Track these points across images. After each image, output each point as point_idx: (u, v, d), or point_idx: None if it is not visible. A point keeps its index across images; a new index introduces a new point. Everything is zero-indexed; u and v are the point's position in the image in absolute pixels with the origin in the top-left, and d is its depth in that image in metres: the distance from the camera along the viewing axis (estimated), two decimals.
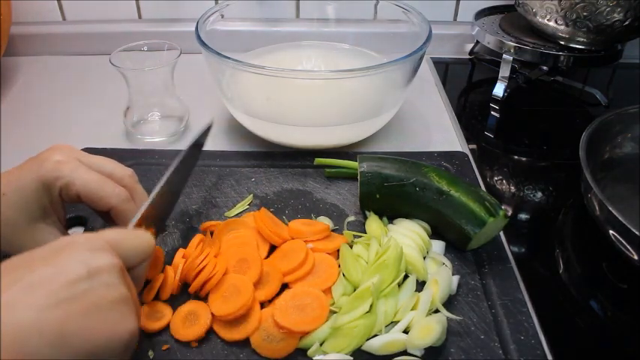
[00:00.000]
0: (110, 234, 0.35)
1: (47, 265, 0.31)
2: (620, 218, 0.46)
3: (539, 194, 0.62)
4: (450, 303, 0.45)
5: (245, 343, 0.42)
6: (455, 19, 0.92)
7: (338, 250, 0.49)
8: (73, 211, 0.54)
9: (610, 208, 0.47)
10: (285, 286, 0.46)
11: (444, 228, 0.51)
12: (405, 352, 0.41)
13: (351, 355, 0.41)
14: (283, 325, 0.41)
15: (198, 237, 0.48)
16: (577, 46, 0.75)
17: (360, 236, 0.50)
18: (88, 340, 0.29)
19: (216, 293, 0.44)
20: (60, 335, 0.28)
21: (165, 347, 0.42)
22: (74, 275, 0.30)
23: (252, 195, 0.57)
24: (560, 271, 0.52)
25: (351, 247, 0.49)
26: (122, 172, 0.45)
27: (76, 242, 0.33)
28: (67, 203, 0.44)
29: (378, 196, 0.52)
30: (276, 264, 0.47)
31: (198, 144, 0.52)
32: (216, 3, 0.86)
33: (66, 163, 0.41)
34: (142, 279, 0.39)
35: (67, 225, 0.53)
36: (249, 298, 0.43)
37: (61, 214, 0.44)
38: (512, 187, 0.63)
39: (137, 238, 0.37)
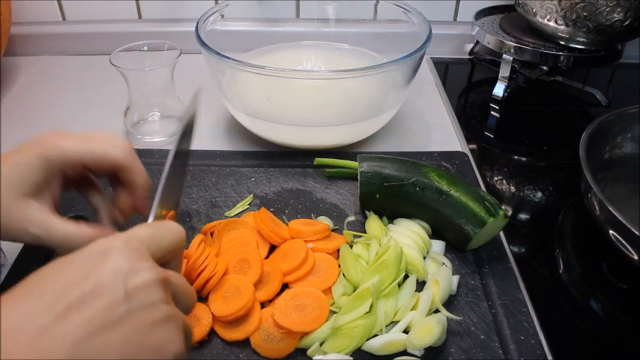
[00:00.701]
0: (143, 231, 0.33)
1: (83, 282, 0.27)
2: (620, 218, 0.46)
3: (539, 194, 0.62)
4: (450, 303, 0.45)
5: (245, 343, 0.42)
6: (455, 19, 0.92)
7: (338, 250, 0.49)
8: (73, 211, 0.54)
9: (610, 208, 0.47)
10: (285, 286, 0.46)
11: (444, 228, 0.51)
12: (405, 352, 0.41)
13: (351, 355, 0.41)
14: (283, 325, 0.41)
15: (198, 237, 0.48)
16: (577, 46, 0.75)
17: (360, 236, 0.50)
18: None
19: (217, 293, 0.44)
20: None
21: None
22: (112, 297, 0.27)
23: (252, 195, 0.57)
24: (560, 271, 0.52)
25: (351, 247, 0.49)
26: (119, 141, 0.44)
27: (112, 249, 0.30)
28: (71, 180, 0.43)
29: (378, 196, 0.52)
30: (277, 264, 0.47)
31: (192, 116, 0.51)
32: (216, 3, 0.86)
33: (66, 137, 0.41)
34: (179, 269, 0.37)
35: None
36: (249, 299, 0.43)
37: (57, 194, 0.42)
38: (512, 187, 0.63)
39: (168, 229, 0.35)
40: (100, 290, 0.27)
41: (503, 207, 0.59)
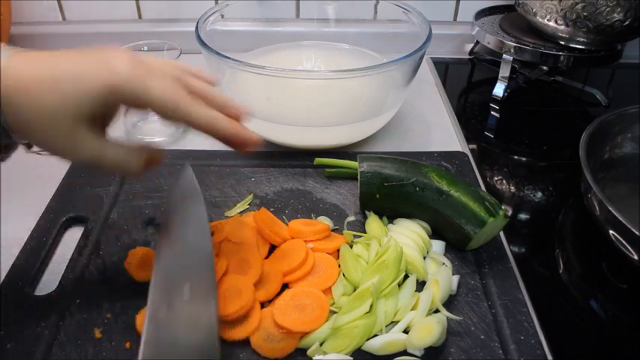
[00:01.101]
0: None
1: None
2: (620, 218, 0.46)
3: (539, 194, 0.62)
4: (450, 303, 0.45)
5: (245, 343, 0.42)
6: (455, 19, 0.92)
7: (338, 250, 0.49)
8: (73, 211, 0.54)
9: (610, 208, 0.47)
10: (285, 286, 0.46)
11: (443, 228, 0.51)
12: (405, 352, 0.41)
13: (351, 355, 0.41)
14: (283, 325, 0.41)
15: None
16: (577, 46, 0.75)
17: (360, 236, 0.50)
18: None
19: (217, 294, 0.44)
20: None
21: None
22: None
23: (252, 195, 0.57)
24: (560, 271, 0.52)
25: (350, 247, 0.49)
26: (222, 100, 0.42)
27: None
28: (132, 109, 0.39)
29: (378, 196, 0.52)
30: (276, 264, 0.47)
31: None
32: (216, 3, 0.86)
33: (155, 83, 0.37)
34: None
35: (66, 225, 0.53)
36: (249, 299, 0.43)
37: (110, 121, 0.40)
38: (512, 187, 0.63)
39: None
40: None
41: (503, 207, 0.59)
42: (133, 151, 0.40)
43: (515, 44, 0.76)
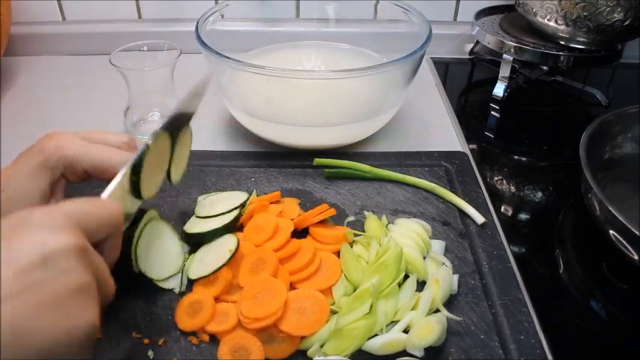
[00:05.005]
0: (71, 206, 0.32)
1: None
2: (620, 218, 0.46)
3: (539, 194, 0.62)
4: (450, 303, 0.45)
5: None
6: (455, 19, 0.92)
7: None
8: None
9: (610, 208, 0.47)
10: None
11: None
12: (405, 352, 0.41)
13: (351, 355, 0.41)
14: (283, 329, 0.41)
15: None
16: (577, 46, 0.75)
17: (360, 234, 0.50)
18: (44, 336, 0.27)
19: (248, 292, 0.44)
20: (12, 333, 0.25)
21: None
22: (27, 262, 0.27)
23: (255, 190, 0.57)
24: (560, 271, 0.52)
25: (351, 246, 0.49)
26: (119, 139, 0.44)
27: (31, 219, 0.29)
28: (74, 182, 0.43)
29: None
30: (284, 267, 0.47)
31: (198, 94, 0.50)
32: (216, 3, 0.86)
33: (66, 144, 0.41)
34: (114, 253, 0.36)
35: None
36: (279, 307, 0.42)
37: (60, 197, 0.43)
38: (512, 187, 0.63)
39: (103, 208, 0.34)
40: (14, 256, 0.27)
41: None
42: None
43: (515, 44, 0.76)
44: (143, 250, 0.46)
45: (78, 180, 0.43)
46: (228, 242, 0.47)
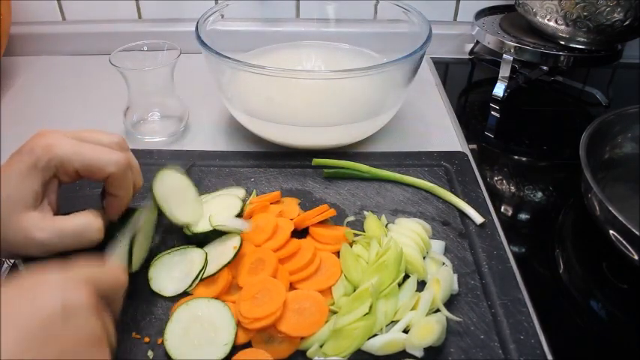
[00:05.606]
0: (86, 269, 0.35)
1: (20, 299, 0.29)
2: (620, 218, 0.46)
3: (539, 194, 0.62)
4: (449, 303, 0.45)
5: (246, 343, 0.42)
6: (455, 19, 0.92)
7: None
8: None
9: (610, 208, 0.47)
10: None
11: None
12: (405, 352, 0.41)
13: (350, 355, 0.41)
14: (281, 329, 0.41)
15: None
16: (577, 46, 0.75)
17: (360, 234, 0.50)
18: None
19: (247, 293, 0.43)
20: None
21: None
22: (49, 313, 0.29)
23: (255, 190, 0.57)
24: (560, 271, 0.52)
25: (351, 246, 0.49)
26: (110, 139, 0.44)
27: (51, 279, 0.31)
28: (66, 183, 0.43)
29: None
30: (284, 266, 0.47)
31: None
32: (216, 3, 0.86)
33: (57, 143, 0.41)
34: (117, 311, 0.38)
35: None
36: (279, 307, 0.42)
37: (53, 198, 0.43)
38: (512, 187, 0.63)
39: (111, 274, 0.37)
40: (37, 307, 0.29)
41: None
42: (91, 215, 0.42)
43: (515, 44, 0.76)
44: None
45: (69, 180, 0.43)
46: (232, 240, 0.47)
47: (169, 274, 0.47)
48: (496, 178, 0.64)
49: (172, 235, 0.51)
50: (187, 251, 0.48)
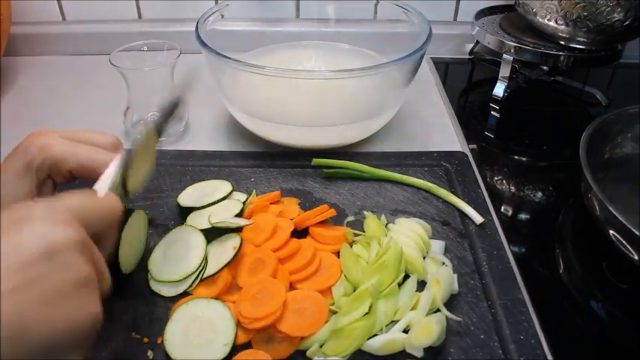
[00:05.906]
0: (72, 199, 0.32)
1: (1, 238, 0.27)
2: (620, 218, 0.46)
3: (539, 194, 0.62)
4: (449, 303, 0.45)
5: (246, 343, 0.42)
6: (455, 19, 0.92)
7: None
8: None
9: (610, 208, 0.47)
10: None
11: None
12: (405, 352, 0.41)
13: (350, 355, 0.41)
14: (281, 329, 0.41)
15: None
16: (577, 46, 0.75)
17: (360, 234, 0.50)
18: (47, 328, 0.27)
19: (247, 293, 0.43)
20: (16, 326, 0.25)
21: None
22: (31, 256, 0.27)
23: (255, 190, 0.57)
24: (560, 271, 0.52)
25: (350, 246, 0.49)
26: (105, 139, 0.44)
27: (34, 214, 0.29)
28: (60, 184, 0.43)
29: None
30: (284, 266, 0.47)
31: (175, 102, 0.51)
32: (216, 3, 0.86)
33: (51, 143, 0.40)
34: (109, 246, 0.37)
35: None
36: (279, 307, 0.42)
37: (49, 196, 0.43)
38: (512, 187, 0.63)
39: (103, 203, 0.35)
40: (18, 249, 0.27)
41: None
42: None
43: (515, 44, 0.76)
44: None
45: (64, 180, 0.43)
46: (231, 240, 0.47)
47: (166, 258, 0.47)
48: (496, 178, 0.64)
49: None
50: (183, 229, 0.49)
